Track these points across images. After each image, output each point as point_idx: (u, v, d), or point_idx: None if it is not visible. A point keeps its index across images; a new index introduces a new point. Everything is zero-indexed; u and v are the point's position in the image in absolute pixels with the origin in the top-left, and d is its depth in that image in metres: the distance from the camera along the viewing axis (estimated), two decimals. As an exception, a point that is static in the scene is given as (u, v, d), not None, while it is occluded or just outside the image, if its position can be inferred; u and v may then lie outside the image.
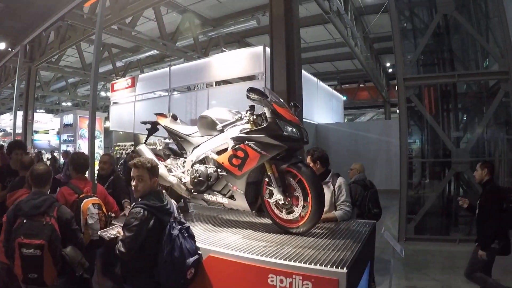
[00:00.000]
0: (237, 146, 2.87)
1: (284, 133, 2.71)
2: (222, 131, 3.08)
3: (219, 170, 3.08)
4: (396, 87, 7.34)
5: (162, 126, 3.65)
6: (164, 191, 2.56)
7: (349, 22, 11.22)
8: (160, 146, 3.63)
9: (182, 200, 3.73)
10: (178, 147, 3.60)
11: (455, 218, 7.09)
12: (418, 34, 8.54)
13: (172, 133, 3.56)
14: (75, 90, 22.33)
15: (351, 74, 19.66)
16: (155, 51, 13.48)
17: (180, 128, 3.52)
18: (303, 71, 6.50)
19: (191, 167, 3.28)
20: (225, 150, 3.02)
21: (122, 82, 13.11)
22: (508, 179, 5.95)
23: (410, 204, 6.50)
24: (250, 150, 2.78)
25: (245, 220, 3.35)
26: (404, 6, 7.39)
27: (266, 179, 2.89)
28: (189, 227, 2.44)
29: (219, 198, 3.11)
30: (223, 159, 2.95)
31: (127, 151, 14.96)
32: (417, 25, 8.78)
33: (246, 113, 2.89)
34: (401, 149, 6.57)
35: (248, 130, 2.84)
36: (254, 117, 2.83)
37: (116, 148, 15.85)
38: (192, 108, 10.70)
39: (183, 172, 3.37)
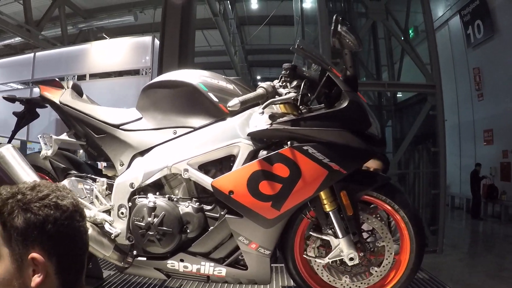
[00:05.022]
0: (271, 154, 1.29)
1: (371, 129, 1.32)
2: (222, 117, 1.41)
3: (207, 206, 1.41)
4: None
5: (54, 105, 1.62)
6: None
7: (235, 28, 11.55)
8: (47, 149, 1.58)
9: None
10: (88, 153, 1.66)
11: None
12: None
13: (78, 121, 1.60)
14: None
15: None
16: (17, 38, 11.37)
17: (97, 111, 1.60)
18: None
19: (130, 200, 1.47)
20: (225, 161, 1.40)
21: (-28, 69, 9.96)
22: (434, 190, 5.90)
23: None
24: (307, 162, 1.26)
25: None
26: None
27: (311, 219, 1.41)
28: None
29: (205, 268, 1.41)
30: (231, 182, 1.32)
31: None
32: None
33: (282, 81, 1.35)
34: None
35: (297, 117, 1.30)
36: (303, 90, 1.31)
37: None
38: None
39: (107, 211, 1.50)
